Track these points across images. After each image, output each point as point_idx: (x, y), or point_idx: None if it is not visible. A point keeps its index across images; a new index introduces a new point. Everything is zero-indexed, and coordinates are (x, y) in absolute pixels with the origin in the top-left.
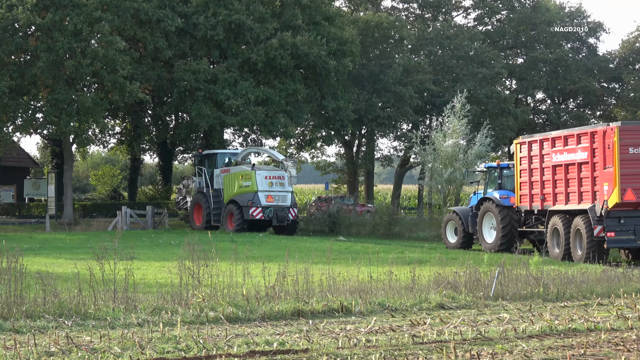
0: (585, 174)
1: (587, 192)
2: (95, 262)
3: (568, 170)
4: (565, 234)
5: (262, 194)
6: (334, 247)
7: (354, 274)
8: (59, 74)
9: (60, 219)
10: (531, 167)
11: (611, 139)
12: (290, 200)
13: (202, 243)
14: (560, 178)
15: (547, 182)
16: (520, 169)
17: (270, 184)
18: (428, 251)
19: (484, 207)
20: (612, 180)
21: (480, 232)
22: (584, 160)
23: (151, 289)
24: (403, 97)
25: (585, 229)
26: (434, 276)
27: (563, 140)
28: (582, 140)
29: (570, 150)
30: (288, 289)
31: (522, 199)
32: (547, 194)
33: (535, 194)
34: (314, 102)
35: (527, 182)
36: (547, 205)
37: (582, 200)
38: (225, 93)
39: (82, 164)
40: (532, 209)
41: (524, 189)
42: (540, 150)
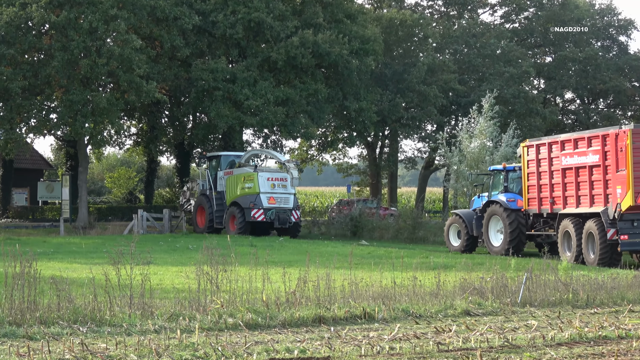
0: (596, 177)
1: (599, 195)
2: (110, 266)
3: (579, 173)
4: (577, 238)
5: (264, 196)
6: (356, 252)
7: (377, 279)
8: (74, 74)
9: (75, 222)
10: (539, 170)
11: (624, 142)
12: (292, 202)
13: (220, 247)
14: (571, 181)
15: (556, 185)
16: (528, 172)
17: (273, 185)
18: (453, 256)
19: (490, 210)
20: (625, 183)
21: (487, 236)
22: (595, 163)
23: (168, 295)
24: (427, 97)
25: (598, 232)
26: (459, 282)
27: (573, 143)
28: (594, 143)
29: (580, 153)
30: (309, 294)
31: (530, 202)
32: (557, 197)
33: (544, 197)
34: (336, 102)
35: (535, 185)
36: (557, 208)
37: (594, 204)
38: (244, 93)
39: (97, 166)
40: (541, 212)
41: (532, 192)
42: (548, 153)
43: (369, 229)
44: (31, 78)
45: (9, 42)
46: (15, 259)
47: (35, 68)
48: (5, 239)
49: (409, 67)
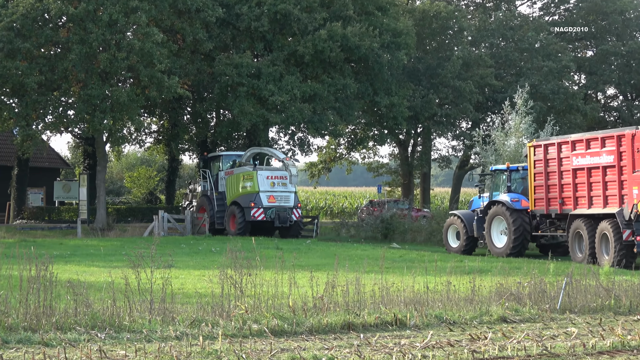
0: (611, 178)
1: (613, 196)
2: (130, 270)
3: (591, 173)
4: (590, 239)
5: (263, 195)
6: (387, 255)
7: (409, 284)
8: (92, 68)
9: (93, 224)
10: (548, 170)
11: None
12: (293, 200)
13: (245, 250)
14: (583, 182)
15: (566, 186)
16: (535, 172)
17: (272, 184)
18: (489, 259)
19: (494, 210)
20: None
21: (489, 237)
22: (609, 164)
23: (190, 300)
24: (462, 92)
25: (613, 233)
26: (495, 287)
27: (585, 143)
28: (608, 144)
29: (593, 153)
30: (337, 300)
31: (537, 202)
32: (567, 197)
33: (552, 198)
34: (366, 98)
35: (543, 185)
36: (567, 209)
37: (608, 204)
38: (269, 88)
39: (116, 165)
40: (549, 212)
41: (539, 193)
42: (558, 153)
43: (401, 231)
44: (47, 73)
45: (25, 35)
46: (30, 262)
47: (52, 62)
48: (20, 241)
49: (443, 61)
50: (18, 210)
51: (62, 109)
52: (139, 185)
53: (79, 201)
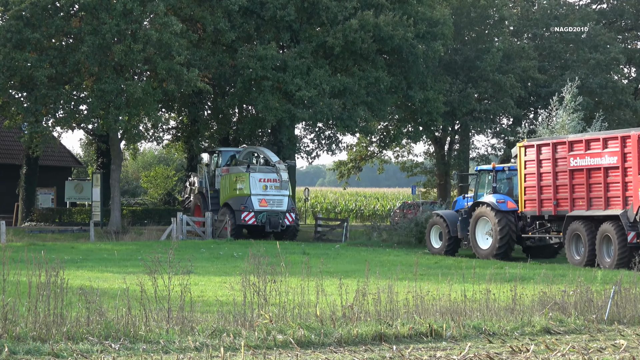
0: (613, 179)
1: (616, 198)
2: (146, 276)
3: (591, 175)
4: (590, 241)
5: (255, 198)
6: (422, 261)
7: (445, 292)
8: (106, 60)
9: (107, 226)
10: (541, 171)
11: None
12: (287, 204)
13: (269, 255)
14: (581, 183)
15: (562, 187)
16: (525, 172)
17: (265, 187)
18: (531, 266)
19: (478, 211)
20: None
21: (474, 238)
22: (612, 165)
23: (210, 308)
24: (503, 86)
25: (616, 235)
26: (538, 295)
27: (584, 144)
28: (610, 145)
29: (594, 154)
30: (368, 309)
31: (527, 204)
32: (563, 199)
33: (545, 199)
34: (399, 92)
35: (535, 186)
36: (562, 210)
37: (610, 206)
38: (296, 82)
39: (131, 164)
40: (541, 214)
41: (530, 194)
42: (552, 154)
43: None
44: (58, 65)
45: (34, 25)
46: (40, 267)
47: (63, 54)
48: (29, 245)
49: (483, 53)
50: (27, 212)
51: (74, 104)
52: (156, 185)
53: (92, 202)
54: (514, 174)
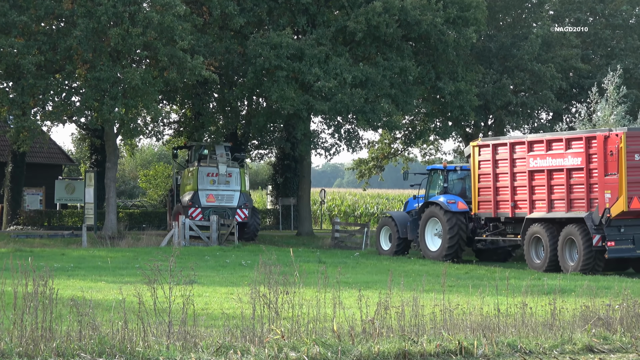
0: (577, 181)
1: (579, 200)
2: (145, 286)
3: (552, 176)
4: (552, 244)
5: (202, 193)
6: (451, 271)
7: (476, 305)
8: (101, 46)
9: (101, 231)
10: (497, 172)
11: (615, 145)
12: (238, 200)
13: (281, 264)
14: (541, 184)
15: (520, 188)
16: (479, 173)
17: (212, 181)
18: (573, 277)
19: (429, 212)
20: (615, 188)
21: (423, 239)
22: (576, 166)
23: (216, 322)
24: (542, 77)
25: (581, 238)
26: (580, 310)
27: (546, 144)
28: (574, 146)
29: (556, 155)
30: (391, 323)
31: (481, 205)
32: (521, 200)
33: (502, 201)
34: (427, 83)
35: (490, 187)
36: (521, 212)
37: (573, 208)
38: (313, 72)
39: (129, 161)
40: (497, 216)
41: (484, 195)
42: (510, 154)
43: None
44: (48, 52)
45: (22, 6)
46: (27, 276)
47: (54, 39)
48: (15, 251)
49: (519, 40)
50: (12, 214)
51: (65, 95)
52: (156, 185)
53: (85, 204)
54: (467, 174)
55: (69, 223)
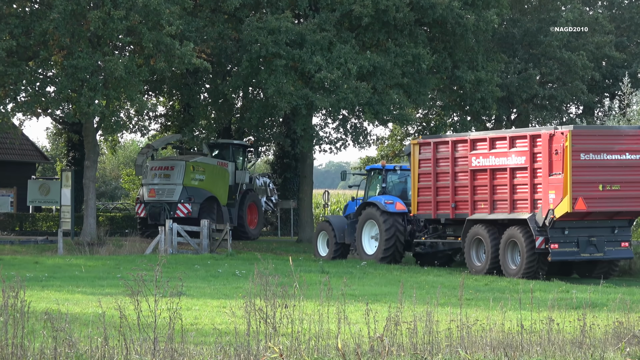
0: (521, 180)
1: (523, 200)
2: (127, 298)
3: (495, 175)
4: (493, 246)
5: (145, 188)
6: (469, 283)
7: (497, 321)
8: (80, 31)
9: (79, 236)
10: (437, 171)
11: (561, 144)
12: (180, 194)
13: (279, 274)
14: (484, 184)
15: (461, 188)
16: (419, 172)
17: (154, 175)
18: (605, 290)
19: (366, 213)
20: (560, 188)
21: (359, 242)
22: (520, 166)
23: (206, 339)
24: (573, 67)
25: (524, 240)
26: (612, 326)
27: (489, 142)
28: (518, 144)
29: (499, 154)
30: (402, 341)
31: (421, 206)
32: (462, 201)
33: (442, 201)
34: (443, 73)
35: (431, 187)
36: (461, 213)
37: (516, 209)
38: (315, 61)
39: (110, 159)
40: (437, 217)
41: (424, 195)
42: (452, 153)
43: None
44: (21, 36)
45: None
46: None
47: (27, 22)
48: None
49: (547, 25)
50: None
51: (40, 85)
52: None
53: (61, 206)
54: (408, 175)
55: (43, 228)
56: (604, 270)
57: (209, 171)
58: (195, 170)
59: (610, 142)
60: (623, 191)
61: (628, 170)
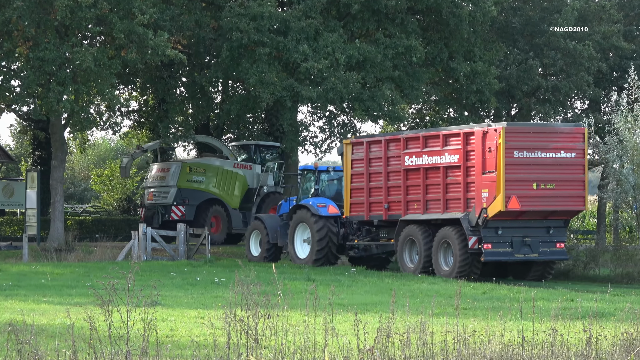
0: (453, 180)
1: (456, 200)
2: (97, 309)
3: (428, 175)
4: (426, 246)
5: (146, 192)
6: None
7: (497, 332)
8: (46, 20)
9: (45, 242)
10: (370, 171)
11: (494, 141)
12: (174, 196)
13: (261, 282)
14: (417, 184)
15: (394, 189)
16: (352, 173)
17: (153, 178)
18: (612, 299)
19: (298, 216)
20: (493, 187)
21: (292, 245)
22: (453, 164)
23: (183, 352)
24: (578, 58)
25: (457, 240)
26: (620, 337)
27: (422, 141)
28: (451, 142)
29: (432, 152)
30: (394, 354)
31: (354, 208)
32: (395, 201)
33: (375, 202)
34: (438, 65)
35: (363, 188)
36: (395, 214)
37: (449, 209)
38: (301, 50)
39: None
40: (370, 219)
41: (357, 197)
42: (385, 152)
43: None
44: None
45: None
46: None
47: None
48: None
49: (550, 13)
50: None
51: (3, 79)
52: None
53: (26, 210)
54: (342, 176)
55: (6, 233)
56: (539, 272)
57: (211, 172)
58: (193, 172)
59: (544, 140)
60: (558, 190)
61: (563, 168)
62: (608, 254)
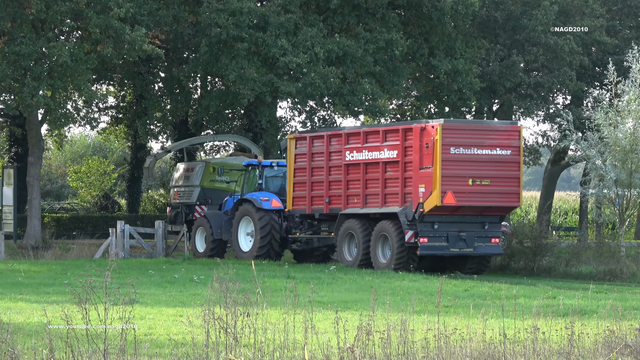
0: (392, 175)
1: (394, 194)
2: (74, 307)
3: (367, 170)
4: (365, 240)
5: (172, 191)
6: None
7: (478, 330)
8: (21, 14)
9: (22, 239)
10: (312, 166)
11: (431, 137)
12: (197, 196)
13: (241, 280)
14: (357, 178)
15: (335, 183)
16: (295, 167)
17: (179, 177)
18: (595, 296)
19: (242, 210)
20: (430, 182)
21: (235, 239)
22: (391, 160)
23: (161, 350)
24: (560, 53)
25: (394, 234)
26: (602, 335)
27: (362, 136)
28: (390, 138)
29: (372, 148)
30: (374, 352)
31: (296, 201)
32: (336, 196)
33: (316, 196)
34: (418, 59)
35: (305, 182)
36: (335, 208)
37: (387, 203)
38: (280, 45)
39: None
40: (311, 212)
41: (299, 191)
42: (326, 147)
43: None
44: None
45: None
46: None
47: None
48: None
49: (531, 8)
50: None
51: None
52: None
53: (2, 207)
54: (286, 170)
55: None
56: (474, 266)
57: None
58: (216, 172)
59: (481, 137)
60: (493, 186)
61: (499, 165)
62: (590, 250)
